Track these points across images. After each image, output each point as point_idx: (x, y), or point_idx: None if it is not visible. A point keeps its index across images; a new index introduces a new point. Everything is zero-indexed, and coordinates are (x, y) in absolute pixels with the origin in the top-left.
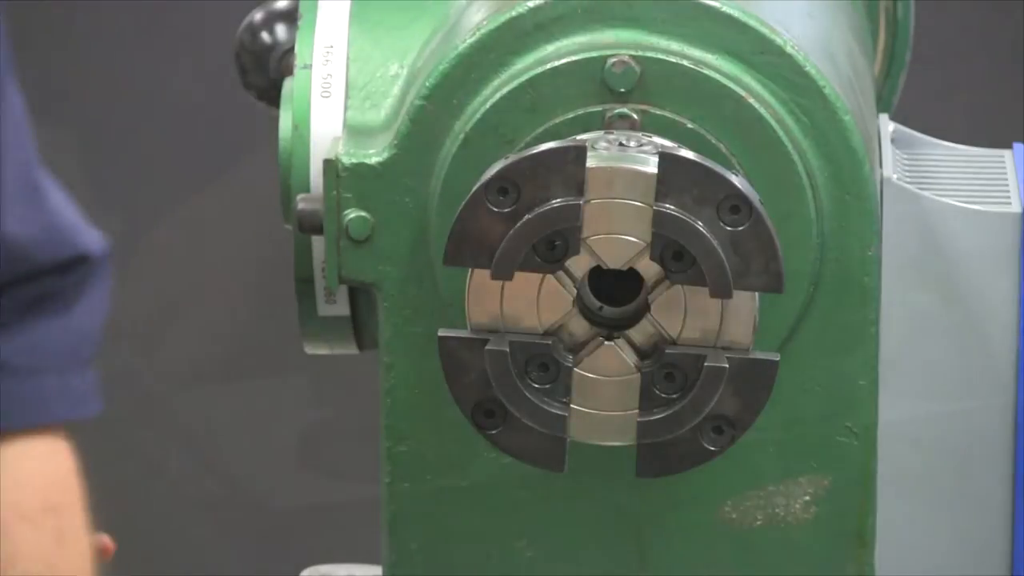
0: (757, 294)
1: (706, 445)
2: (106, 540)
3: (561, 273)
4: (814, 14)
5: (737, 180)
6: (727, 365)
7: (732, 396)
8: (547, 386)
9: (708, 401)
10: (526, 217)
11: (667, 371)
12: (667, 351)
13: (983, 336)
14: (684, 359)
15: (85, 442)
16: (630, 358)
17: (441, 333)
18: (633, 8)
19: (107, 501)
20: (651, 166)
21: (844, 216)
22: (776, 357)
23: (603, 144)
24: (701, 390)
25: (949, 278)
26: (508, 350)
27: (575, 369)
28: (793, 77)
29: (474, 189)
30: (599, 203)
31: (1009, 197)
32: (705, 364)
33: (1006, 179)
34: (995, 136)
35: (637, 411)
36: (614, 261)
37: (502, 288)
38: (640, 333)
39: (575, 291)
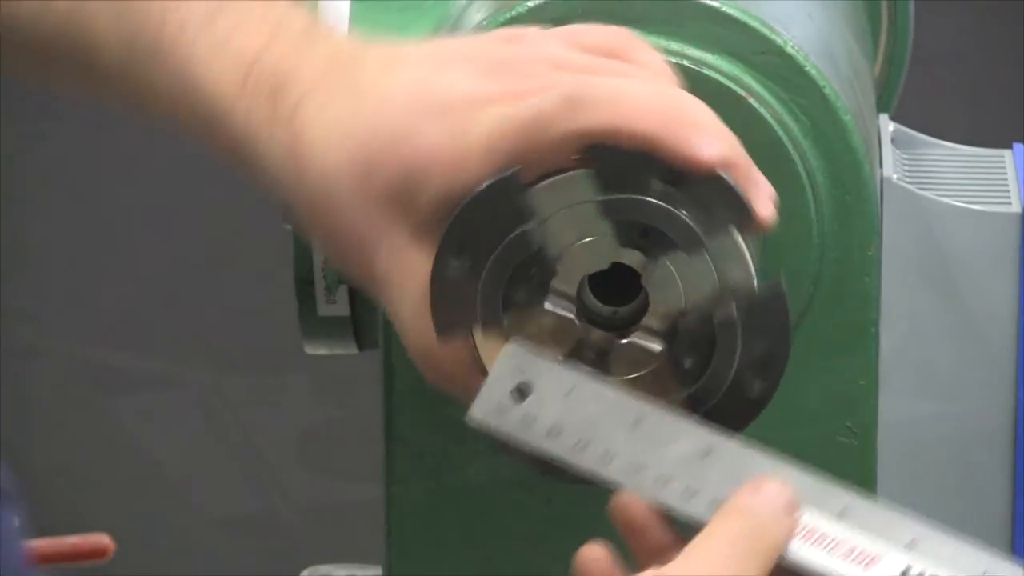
0: (739, 236)
1: (754, 394)
2: (106, 540)
3: (553, 297)
4: (814, 14)
5: None
6: (735, 311)
7: (756, 336)
8: None
9: (734, 352)
10: (488, 265)
11: (688, 342)
12: (679, 323)
13: (983, 336)
14: (696, 324)
15: (84, 442)
16: (652, 345)
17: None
18: (633, 8)
19: (107, 501)
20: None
21: (844, 216)
22: (779, 280)
23: None
24: (722, 344)
25: (949, 278)
26: None
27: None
28: (793, 77)
29: (435, 258)
30: (553, 218)
31: (1009, 197)
32: (714, 319)
33: (1006, 179)
34: (995, 136)
35: (678, 390)
36: (592, 265)
37: (506, 337)
38: (654, 318)
39: (574, 311)
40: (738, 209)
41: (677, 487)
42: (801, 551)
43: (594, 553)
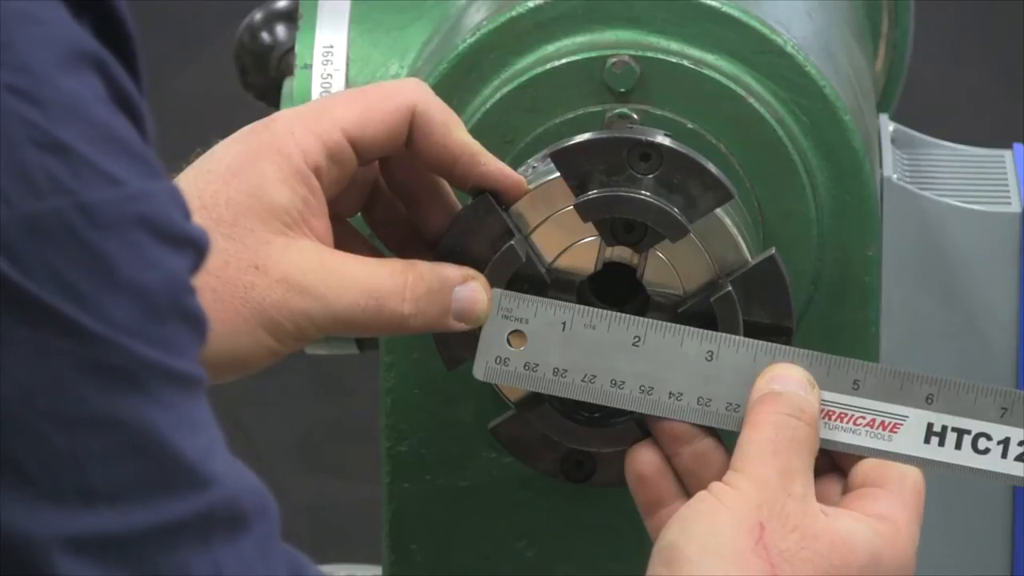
0: (726, 215)
1: None
2: None
3: None
4: (814, 14)
5: (631, 131)
6: (730, 288)
7: (759, 308)
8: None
9: (737, 327)
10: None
11: (697, 326)
12: (680, 311)
13: (983, 336)
14: (697, 307)
15: None
16: None
17: (491, 425)
18: (633, 8)
19: None
20: (553, 172)
21: (844, 216)
22: (772, 251)
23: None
24: (724, 323)
25: (949, 278)
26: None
27: None
28: (793, 77)
29: None
30: (539, 230)
31: (1009, 197)
32: (712, 300)
33: (1006, 179)
34: (995, 136)
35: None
36: (584, 269)
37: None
38: (658, 311)
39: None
40: (715, 187)
41: (691, 399)
42: (826, 433)
43: (646, 455)
